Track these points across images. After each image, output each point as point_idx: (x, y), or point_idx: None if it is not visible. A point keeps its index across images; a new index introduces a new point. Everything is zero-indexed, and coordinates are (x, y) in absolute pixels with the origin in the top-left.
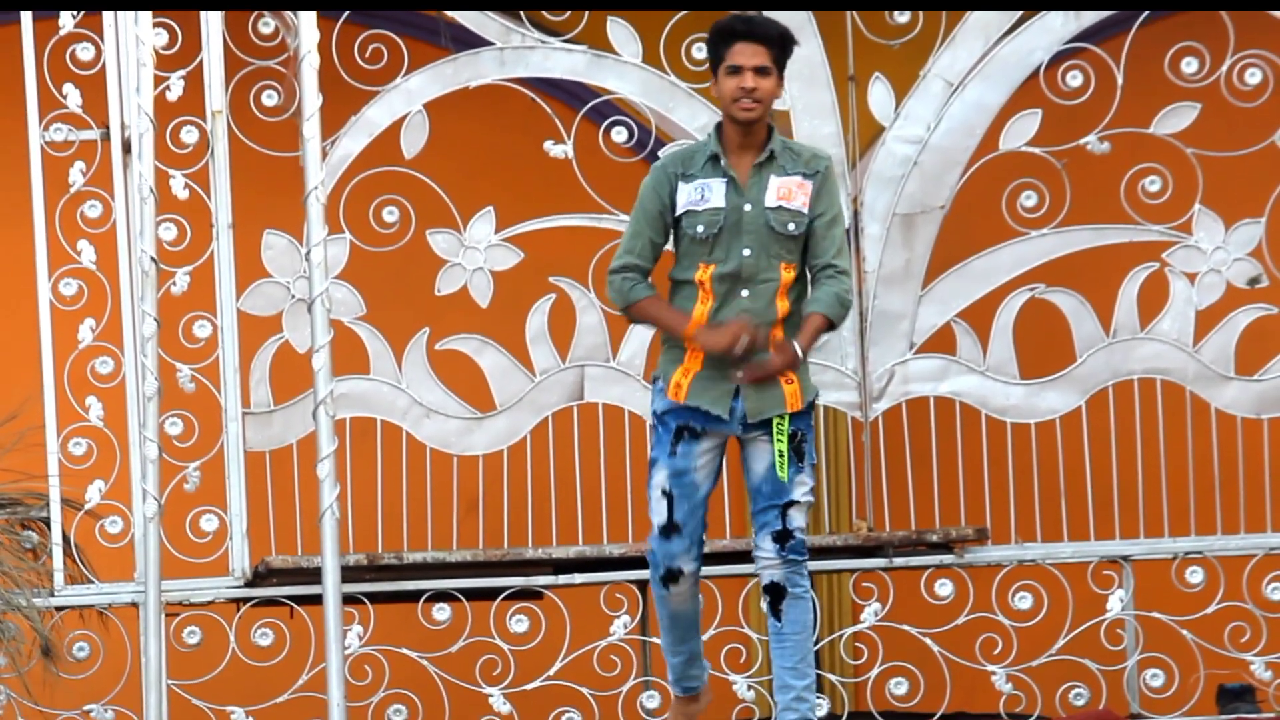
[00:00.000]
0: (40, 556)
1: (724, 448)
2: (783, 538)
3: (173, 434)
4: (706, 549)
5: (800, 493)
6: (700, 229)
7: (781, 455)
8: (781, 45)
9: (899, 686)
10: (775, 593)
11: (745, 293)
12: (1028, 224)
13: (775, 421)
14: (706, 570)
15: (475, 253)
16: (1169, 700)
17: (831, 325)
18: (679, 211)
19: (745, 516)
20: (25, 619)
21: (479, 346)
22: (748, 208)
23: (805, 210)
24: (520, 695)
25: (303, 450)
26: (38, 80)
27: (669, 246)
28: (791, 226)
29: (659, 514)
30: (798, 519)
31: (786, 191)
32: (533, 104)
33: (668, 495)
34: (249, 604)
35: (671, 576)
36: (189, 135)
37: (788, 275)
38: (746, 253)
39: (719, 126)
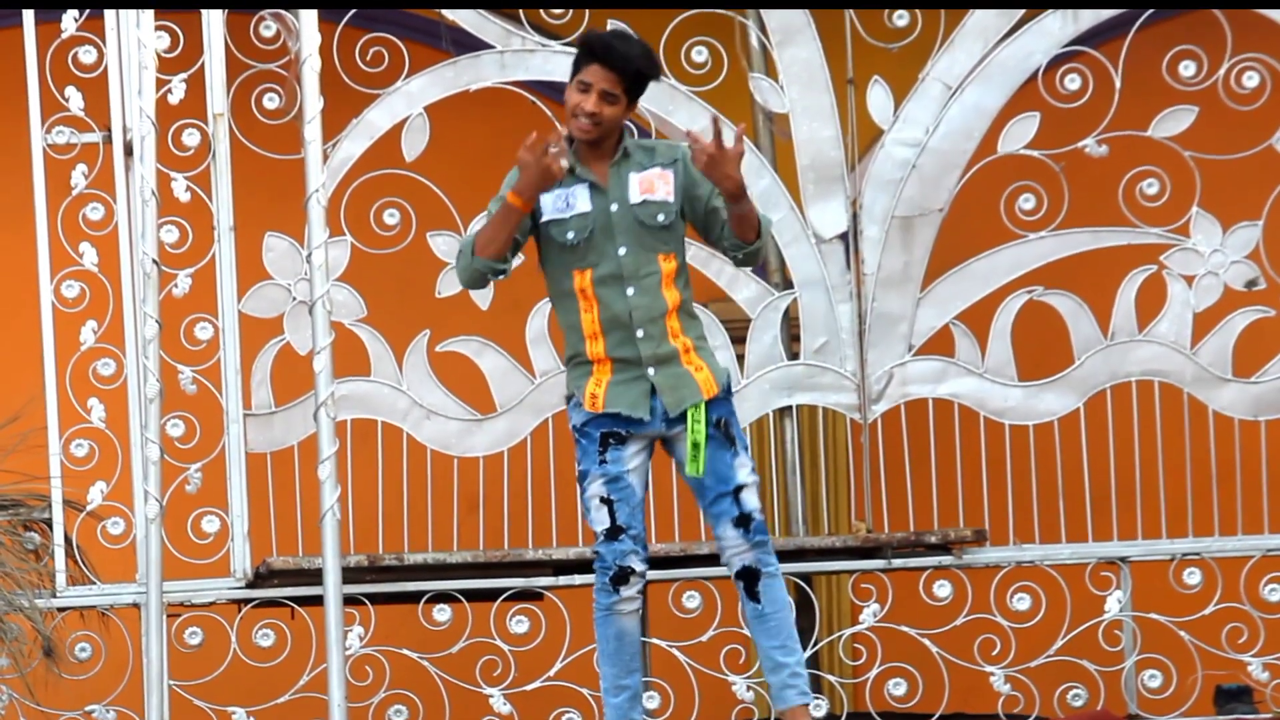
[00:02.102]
0: (42, 558)
1: (651, 450)
2: (743, 521)
3: (174, 435)
4: (701, 550)
5: (744, 475)
6: (570, 235)
7: (696, 447)
8: (636, 79)
9: (898, 687)
10: (749, 576)
11: (630, 290)
12: (1026, 226)
13: (690, 413)
14: (703, 572)
15: None
16: (1167, 701)
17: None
18: (543, 219)
19: None
20: (27, 620)
21: (479, 348)
22: (614, 207)
23: (670, 199)
24: (520, 696)
25: (304, 452)
26: (40, 83)
27: (510, 263)
28: (661, 217)
29: (601, 521)
30: (751, 500)
31: (649, 185)
32: (533, 107)
33: (607, 501)
34: (250, 605)
35: (623, 576)
36: (190, 138)
37: (668, 266)
38: (622, 251)
39: (570, 138)
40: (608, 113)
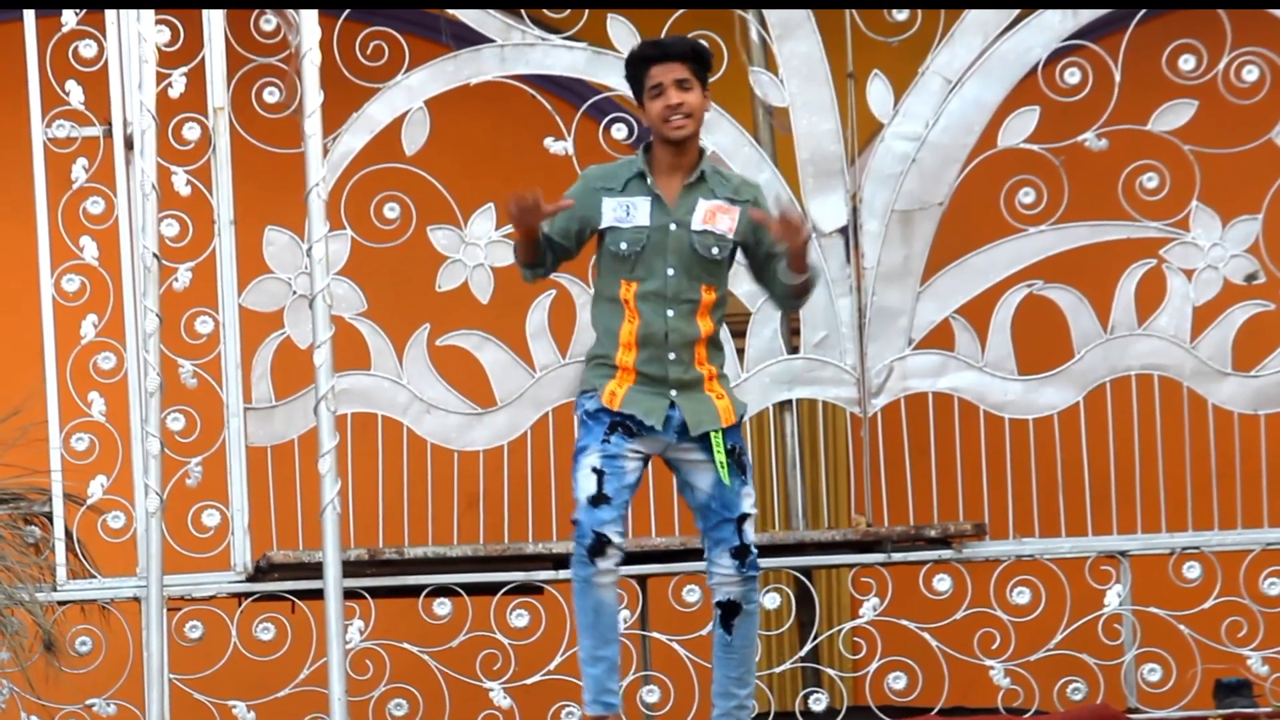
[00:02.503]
0: (43, 551)
1: (649, 462)
2: (741, 553)
3: (174, 429)
4: (700, 545)
5: (748, 505)
6: (623, 246)
7: (723, 465)
8: (697, 59)
9: (897, 681)
10: (730, 609)
11: (670, 312)
12: (1026, 220)
13: (712, 437)
14: (701, 566)
15: (476, 249)
16: (1166, 695)
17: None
18: (603, 226)
19: None
20: (28, 613)
21: (479, 342)
22: (673, 227)
23: (729, 236)
24: (521, 690)
25: (304, 445)
26: (40, 77)
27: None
28: (715, 250)
29: (587, 488)
30: (751, 533)
31: (711, 216)
32: (533, 101)
33: (598, 471)
34: (250, 599)
35: (599, 547)
36: (191, 132)
37: (709, 297)
38: (670, 272)
39: (648, 147)
40: (690, 99)
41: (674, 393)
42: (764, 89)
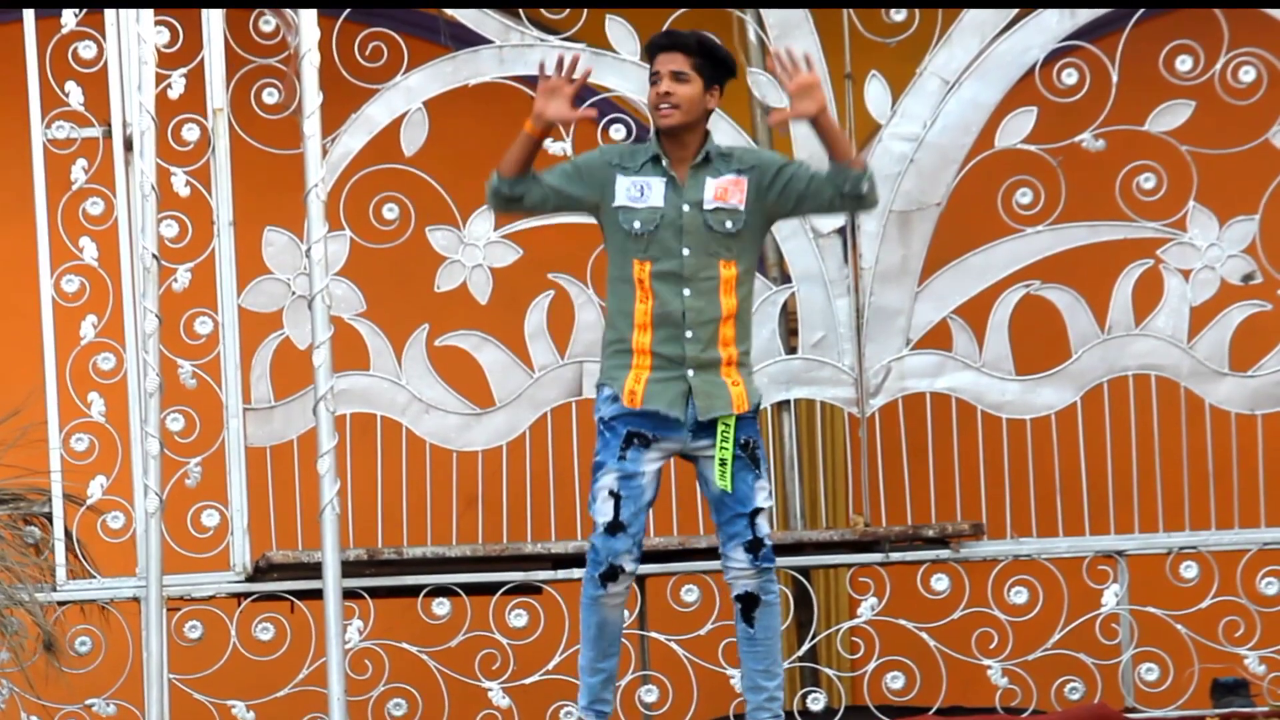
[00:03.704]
0: (42, 552)
1: (668, 461)
2: (754, 547)
3: (174, 430)
4: (699, 544)
5: (763, 498)
6: (637, 225)
7: (724, 464)
8: (702, 52)
9: (895, 681)
10: (749, 602)
11: (687, 291)
12: (1023, 221)
13: (720, 427)
14: (701, 565)
15: (474, 249)
16: (1163, 694)
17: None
18: (615, 204)
19: None
20: (28, 614)
21: (478, 343)
22: (686, 208)
23: (741, 208)
24: (519, 689)
25: (303, 446)
26: (40, 78)
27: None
28: (729, 224)
29: (604, 514)
30: (765, 526)
31: (722, 191)
32: (532, 101)
33: (615, 495)
34: (250, 599)
35: (612, 574)
36: (190, 133)
37: (728, 272)
38: (686, 252)
39: (659, 133)
40: (682, 91)
41: (691, 373)
42: (762, 90)
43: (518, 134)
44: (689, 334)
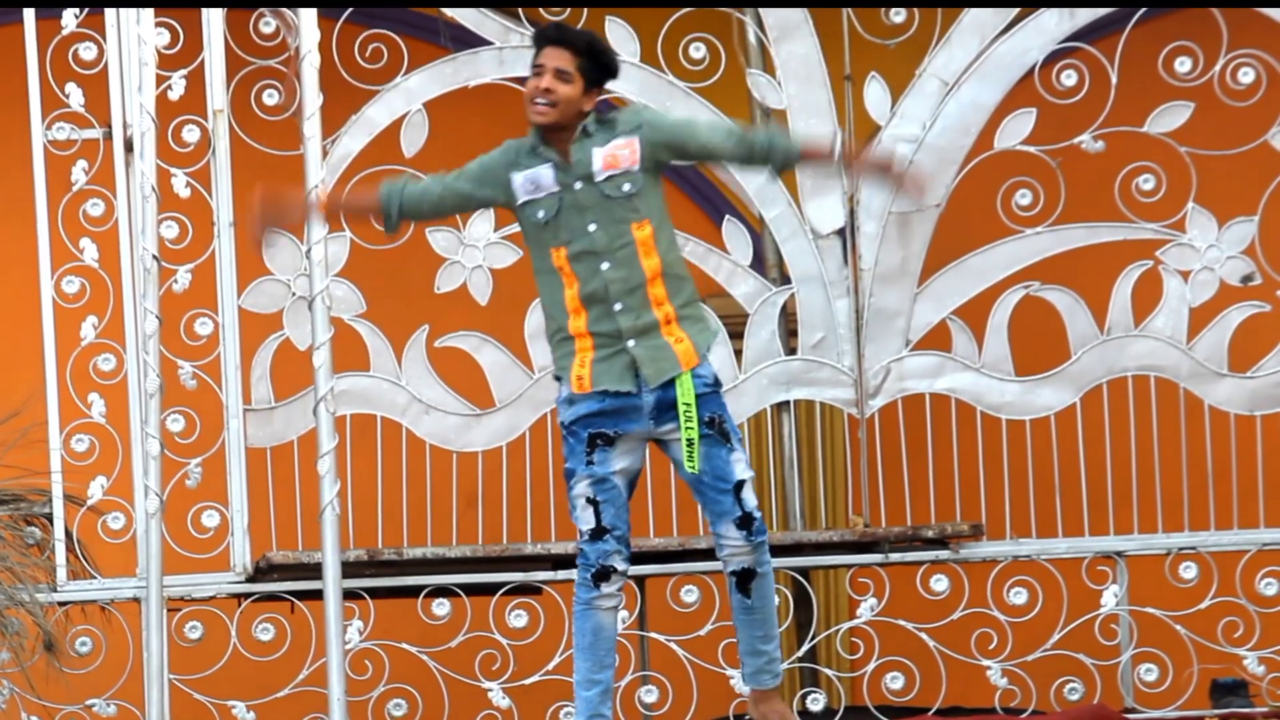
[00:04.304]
0: (43, 552)
1: (643, 449)
2: (745, 522)
3: (174, 430)
4: (699, 545)
5: (741, 469)
6: (541, 214)
7: (690, 444)
8: (590, 54)
9: (895, 681)
10: (745, 576)
11: (605, 265)
12: (1023, 222)
13: (681, 410)
14: (700, 566)
15: (474, 251)
16: (1163, 695)
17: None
18: (518, 203)
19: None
20: (28, 614)
21: (478, 344)
22: (578, 185)
23: (635, 167)
24: (519, 690)
25: (303, 446)
26: (40, 80)
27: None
28: (627, 186)
29: (586, 521)
30: (752, 498)
31: (612, 159)
32: None
33: (592, 502)
34: (250, 599)
35: (604, 574)
36: (190, 134)
37: (642, 233)
38: (592, 228)
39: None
40: (562, 91)
41: (631, 344)
42: (762, 91)
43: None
44: (618, 306)
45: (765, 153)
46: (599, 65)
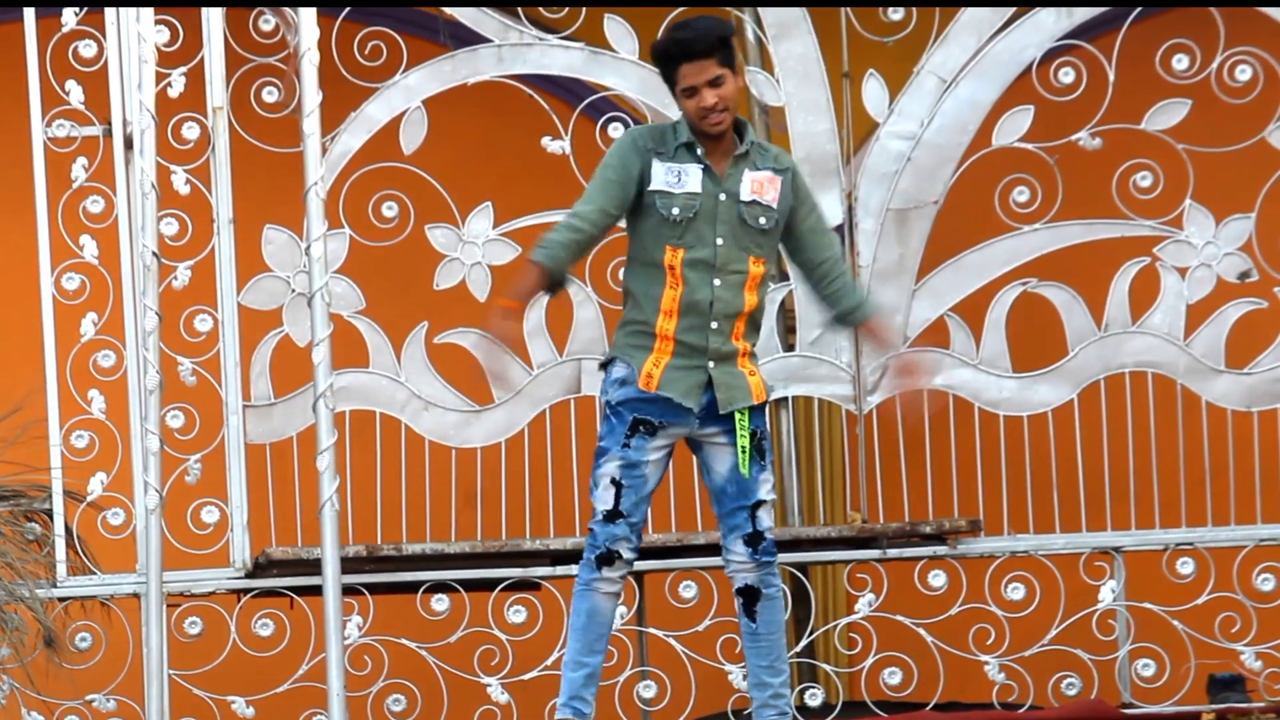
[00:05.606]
0: (43, 548)
1: (673, 449)
2: (754, 540)
3: (174, 427)
4: (698, 540)
5: (765, 491)
6: (675, 211)
7: (744, 451)
8: (724, 45)
9: (893, 676)
10: (750, 595)
11: (717, 281)
12: (1020, 219)
13: (737, 418)
14: (699, 561)
15: (473, 247)
16: (1160, 690)
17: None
18: (651, 188)
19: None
20: (29, 610)
21: (477, 340)
22: (723, 198)
23: (775, 206)
24: (518, 685)
25: (303, 443)
26: (40, 77)
27: (620, 222)
28: (763, 220)
29: (605, 501)
30: (766, 519)
31: (759, 186)
32: (531, 100)
33: (616, 484)
34: (249, 595)
35: (609, 558)
36: (190, 131)
37: (756, 269)
38: (720, 241)
39: (692, 125)
40: (725, 93)
41: (711, 364)
42: (760, 89)
43: (519, 136)
44: (714, 324)
45: (844, 295)
46: (729, 45)
